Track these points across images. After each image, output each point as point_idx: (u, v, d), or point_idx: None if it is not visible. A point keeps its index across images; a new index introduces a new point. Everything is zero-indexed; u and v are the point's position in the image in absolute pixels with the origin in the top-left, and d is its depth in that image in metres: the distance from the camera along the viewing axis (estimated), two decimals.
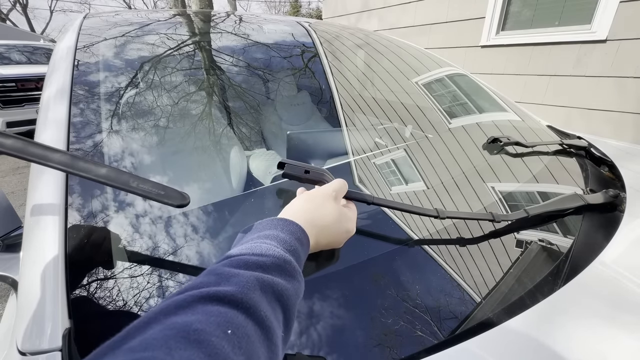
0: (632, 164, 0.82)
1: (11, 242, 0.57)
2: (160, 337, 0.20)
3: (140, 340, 0.20)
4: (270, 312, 0.26)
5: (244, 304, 0.24)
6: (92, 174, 0.38)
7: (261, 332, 0.24)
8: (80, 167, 0.38)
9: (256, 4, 27.47)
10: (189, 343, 0.20)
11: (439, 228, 0.54)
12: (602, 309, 0.43)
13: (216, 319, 0.22)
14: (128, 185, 0.38)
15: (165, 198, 0.39)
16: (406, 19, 3.26)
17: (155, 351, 0.19)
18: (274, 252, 0.31)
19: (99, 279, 0.40)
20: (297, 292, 0.30)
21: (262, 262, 0.29)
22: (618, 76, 2.03)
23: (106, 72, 0.70)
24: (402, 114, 0.97)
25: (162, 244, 0.46)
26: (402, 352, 0.37)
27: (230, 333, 0.22)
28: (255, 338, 0.24)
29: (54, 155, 0.37)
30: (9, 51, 4.70)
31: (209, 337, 0.21)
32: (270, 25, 1.20)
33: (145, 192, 0.39)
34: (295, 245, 0.34)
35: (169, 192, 0.40)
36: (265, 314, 0.25)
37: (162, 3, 24.17)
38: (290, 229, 0.35)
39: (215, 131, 0.82)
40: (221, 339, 0.21)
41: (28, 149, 0.36)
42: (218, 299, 0.24)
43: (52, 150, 0.37)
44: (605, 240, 0.54)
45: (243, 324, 0.23)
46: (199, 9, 4.51)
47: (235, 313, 0.24)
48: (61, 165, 0.37)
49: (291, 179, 0.47)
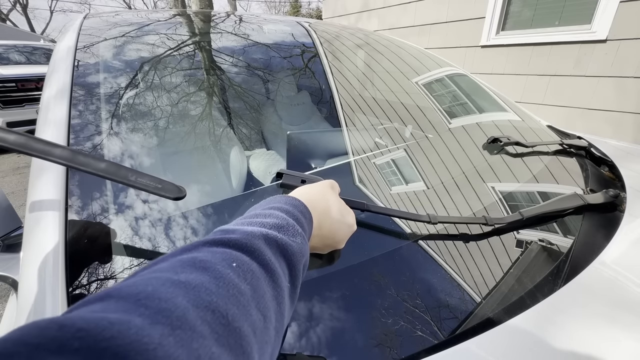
0: (632, 164, 0.82)
1: (11, 242, 0.57)
2: (168, 266, 0.22)
3: (148, 271, 0.21)
4: (274, 260, 0.26)
5: (249, 248, 0.25)
6: (92, 168, 0.38)
7: (266, 273, 0.25)
8: (80, 161, 0.38)
9: (256, 4, 27.47)
10: (195, 268, 0.21)
11: (439, 228, 0.54)
12: (602, 309, 0.43)
13: (221, 255, 0.23)
14: (127, 179, 0.39)
15: (162, 191, 0.40)
16: (406, 19, 3.26)
17: (163, 273, 0.20)
18: (278, 216, 0.31)
19: (99, 279, 0.40)
20: (301, 250, 0.30)
21: (266, 222, 0.30)
22: (618, 76, 2.03)
23: (106, 73, 0.70)
24: (402, 114, 0.97)
25: (162, 244, 0.46)
26: (402, 352, 0.37)
27: (235, 266, 0.23)
28: (261, 275, 0.24)
29: (55, 150, 0.38)
30: (9, 51, 4.70)
31: (214, 265, 0.22)
32: (270, 26, 1.20)
33: (143, 186, 0.39)
34: (299, 216, 0.34)
35: (166, 185, 0.40)
36: (270, 259, 0.26)
37: (162, 3, 24.18)
38: (293, 202, 0.35)
39: (216, 131, 0.82)
40: (226, 268, 0.22)
41: (30, 144, 0.37)
42: (223, 243, 0.25)
43: (53, 145, 0.38)
44: (606, 240, 0.54)
45: (248, 262, 0.24)
46: (199, 9, 4.51)
47: (239, 254, 0.24)
48: (62, 160, 0.38)
49: (289, 188, 0.48)
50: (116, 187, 0.50)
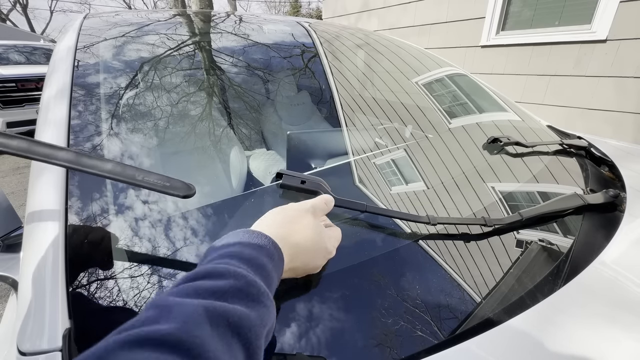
0: (632, 164, 0.82)
1: (11, 242, 0.57)
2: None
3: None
4: (223, 352, 0.21)
5: (185, 345, 0.19)
6: (97, 169, 0.38)
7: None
8: (85, 163, 0.38)
9: (256, 4, 27.48)
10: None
11: (439, 228, 0.54)
12: (602, 309, 0.43)
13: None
14: (134, 179, 0.38)
15: (170, 189, 0.39)
16: (406, 19, 3.26)
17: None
18: (234, 273, 0.26)
19: (99, 279, 0.40)
20: (262, 319, 0.25)
21: (217, 286, 0.24)
22: (618, 76, 2.03)
23: (106, 73, 0.70)
24: (402, 114, 0.97)
25: (162, 244, 0.46)
26: (402, 352, 0.37)
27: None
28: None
29: (59, 153, 0.37)
30: (9, 51, 4.70)
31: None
32: (270, 26, 1.20)
33: (151, 185, 0.38)
34: (264, 262, 0.29)
35: (174, 183, 0.40)
36: (215, 355, 0.20)
37: (162, 3, 24.19)
38: (260, 242, 0.31)
39: (216, 131, 0.82)
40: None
41: (33, 149, 0.36)
42: (151, 342, 0.19)
43: (57, 148, 0.37)
44: (606, 240, 0.54)
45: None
46: (199, 9, 4.51)
47: (172, 358, 0.19)
48: (67, 163, 0.37)
49: (288, 189, 0.48)
50: (116, 187, 0.50)
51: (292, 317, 0.39)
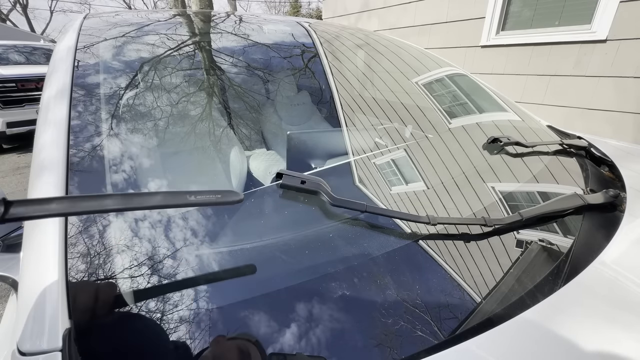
0: (632, 164, 0.82)
1: (11, 242, 0.57)
2: None
3: None
4: None
5: None
6: (150, 204, 0.37)
7: None
8: (135, 202, 0.37)
9: (256, 4, 27.48)
10: None
11: (439, 228, 0.54)
12: (602, 309, 0.43)
13: None
14: (187, 201, 0.39)
15: (223, 199, 0.40)
16: (406, 19, 3.26)
17: None
18: None
19: (99, 279, 0.40)
20: None
21: None
22: (618, 76, 2.03)
23: (106, 73, 0.70)
24: (402, 114, 0.97)
25: (162, 244, 0.46)
26: (402, 352, 0.37)
27: None
28: None
29: (106, 201, 0.35)
30: (9, 51, 4.71)
31: None
32: (270, 26, 1.20)
33: (205, 201, 0.40)
34: None
35: (225, 194, 0.41)
36: None
37: (162, 3, 24.18)
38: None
39: (216, 131, 0.82)
40: None
41: (78, 205, 0.34)
42: None
43: (102, 197, 0.36)
44: (606, 240, 0.54)
45: None
46: (199, 9, 4.51)
47: None
48: (117, 207, 0.35)
49: (288, 189, 0.48)
50: (116, 187, 0.50)
51: (292, 318, 0.39)
